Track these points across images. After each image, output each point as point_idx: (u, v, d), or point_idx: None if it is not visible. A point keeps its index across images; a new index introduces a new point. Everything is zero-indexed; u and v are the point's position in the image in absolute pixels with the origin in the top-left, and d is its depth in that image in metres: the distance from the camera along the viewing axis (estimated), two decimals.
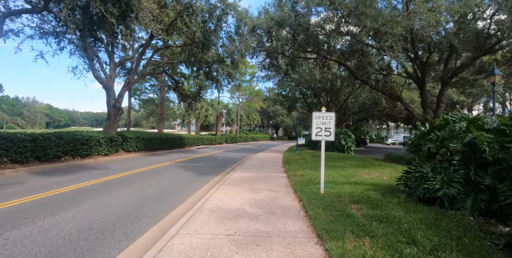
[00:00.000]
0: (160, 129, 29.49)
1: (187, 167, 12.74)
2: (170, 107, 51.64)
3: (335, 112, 5.83)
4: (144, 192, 7.18)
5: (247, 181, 9.01)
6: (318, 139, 6.81)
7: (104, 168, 11.54)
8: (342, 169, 10.67)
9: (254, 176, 10.11)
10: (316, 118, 6.80)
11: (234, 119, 52.10)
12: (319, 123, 6.79)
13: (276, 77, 25.83)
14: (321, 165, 6.87)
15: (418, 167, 5.51)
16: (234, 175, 10.31)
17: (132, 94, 42.30)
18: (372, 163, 12.44)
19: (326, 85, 23.54)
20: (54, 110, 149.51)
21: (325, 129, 6.77)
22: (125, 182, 8.58)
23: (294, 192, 7.34)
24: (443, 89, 13.25)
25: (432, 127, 5.83)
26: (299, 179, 9.13)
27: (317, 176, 9.10)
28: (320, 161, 7.02)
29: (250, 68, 42.59)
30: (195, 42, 17.54)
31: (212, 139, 35.45)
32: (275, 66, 15.31)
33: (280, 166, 13.69)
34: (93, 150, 14.52)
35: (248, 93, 51.77)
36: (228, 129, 69.49)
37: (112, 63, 17.91)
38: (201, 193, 7.36)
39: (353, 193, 6.50)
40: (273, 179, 9.65)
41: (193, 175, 10.53)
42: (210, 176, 10.55)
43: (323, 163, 6.87)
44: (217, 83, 19.43)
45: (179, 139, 25.64)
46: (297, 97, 28.47)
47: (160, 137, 21.71)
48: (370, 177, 8.89)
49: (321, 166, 6.87)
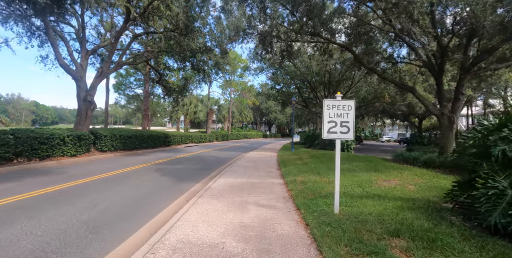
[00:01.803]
0: (145, 126, 27.30)
1: (165, 170, 10.71)
2: (160, 104, 49.20)
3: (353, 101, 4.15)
4: (86, 214, 5.13)
5: (235, 190, 7.05)
6: (332, 137, 4.86)
7: (61, 173, 9.44)
8: (351, 174, 8.78)
9: (244, 183, 8.15)
10: (328, 109, 4.85)
11: (226, 116, 49.98)
12: (332, 116, 4.84)
13: (270, 69, 23.75)
14: (336, 174, 4.93)
15: (489, 180, 3.61)
16: (220, 181, 8.33)
17: (116, 89, 39.94)
18: (383, 165, 10.60)
19: (324, 78, 21.64)
20: (40, 107, 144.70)
21: (342, 123, 4.83)
22: (72, 194, 6.53)
23: (296, 209, 5.42)
24: (463, 79, 11.44)
25: (505, 121, 3.95)
26: (300, 187, 7.20)
27: (323, 184, 7.20)
28: (323, 163, 5.28)
29: (242, 62, 40.52)
30: (179, 28, 15.43)
31: (202, 137, 33.35)
32: (269, 52, 13.32)
33: (275, 168, 11.76)
34: (55, 150, 12.36)
35: (240, 89, 49.63)
36: (220, 126, 67.36)
37: (84, 50, 15.67)
38: (168, 213, 5.36)
39: (383, 214, 4.58)
40: (267, 186, 7.70)
41: (169, 182, 8.52)
42: (190, 182, 8.55)
43: (338, 171, 4.93)
44: (204, 74, 17.32)
45: (164, 137, 23.51)
46: (292, 92, 26.51)
47: (141, 135, 19.56)
48: (390, 185, 7.00)
49: (335, 175, 4.94)
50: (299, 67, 21.85)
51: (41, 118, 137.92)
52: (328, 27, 10.18)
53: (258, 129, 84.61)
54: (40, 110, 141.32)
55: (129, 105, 46.02)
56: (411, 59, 13.60)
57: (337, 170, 4.89)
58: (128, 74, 35.63)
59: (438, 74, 11.57)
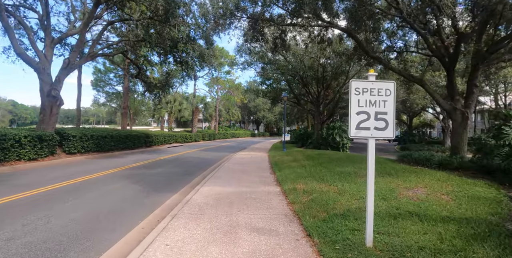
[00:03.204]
0: (124, 125, 25.28)
1: (139, 177, 9.01)
2: (145, 102, 46.79)
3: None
4: (3, 249, 3.45)
5: (221, 205, 5.47)
6: (363, 135, 3.34)
7: (4, 181, 7.62)
8: (363, 179, 7.31)
9: (232, 193, 6.57)
10: (357, 94, 3.33)
11: (212, 115, 48.11)
12: (363, 104, 3.32)
13: (258, 63, 22.07)
14: (368, 186, 3.40)
15: None
16: (203, 191, 6.72)
17: (94, 86, 37.44)
18: (392, 167, 9.20)
19: (317, 73, 20.23)
20: (19, 106, 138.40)
21: (377, 116, 3.32)
22: (2, 214, 4.80)
23: (305, 235, 3.90)
24: (477, 70, 10.17)
25: None
26: (304, 199, 5.69)
27: (333, 195, 5.72)
28: (323, 165, 4.34)
29: (229, 58, 38.76)
30: (158, 14, 13.66)
31: (187, 136, 31.49)
32: (260, 40, 11.71)
33: (268, 172, 10.22)
34: (9, 154, 10.46)
35: (227, 87, 47.76)
36: (206, 125, 65.36)
37: (48, 39, 13.70)
38: (123, 248, 3.72)
39: (442, 249, 3.08)
40: (262, 198, 6.14)
41: (140, 193, 6.85)
42: (166, 192, 6.91)
43: (371, 183, 3.39)
44: (187, 67, 15.56)
45: (145, 137, 21.62)
46: (283, 88, 24.97)
47: (118, 135, 17.64)
48: (419, 195, 5.56)
49: (368, 187, 3.40)
50: (291, 61, 20.34)
51: (19, 118, 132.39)
52: (329, 6, 8.68)
53: (246, 127, 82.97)
54: (18, 110, 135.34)
55: (110, 104, 43.39)
56: (419, 48, 12.29)
57: (371, 181, 3.37)
58: (107, 70, 33.32)
59: (450, 64, 10.26)
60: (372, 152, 3.33)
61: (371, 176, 3.32)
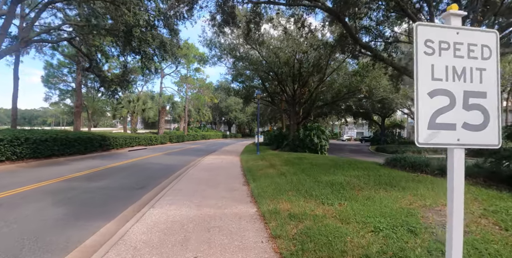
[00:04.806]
0: (77, 126, 22.30)
1: (69, 193, 6.83)
2: (109, 101, 43.00)
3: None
4: None
5: (169, 245, 3.60)
6: (443, 140, 1.63)
7: None
8: (360, 193, 5.71)
9: (190, 219, 4.68)
10: (429, 54, 1.59)
11: (181, 115, 45.33)
12: (442, 74, 1.61)
13: (229, 58, 20.10)
14: (452, 237, 1.64)
15: None
16: (150, 217, 4.77)
17: (45, 83, 33.50)
18: (387, 174, 7.74)
19: (293, 69, 18.66)
20: None
21: (468, 100, 1.58)
22: None
23: None
24: None
25: None
26: (292, 231, 3.96)
27: (332, 223, 4.05)
28: (306, 173, 4.62)
29: (198, 55, 36.44)
30: None
31: (152, 138, 28.81)
32: (231, 23, 9.83)
33: (240, 182, 8.39)
34: None
35: (198, 86, 45.21)
36: (176, 126, 62.17)
37: None
38: None
39: None
40: (232, 229, 4.31)
41: (53, 224, 4.77)
42: (95, 222, 4.87)
43: (459, 231, 1.63)
44: (146, 58, 13.31)
45: (100, 139, 18.93)
46: (257, 86, 23.20)
47: (65, 138, 14.94)
48: None
49: (451, 238, 1.63)
50: (265, 56, 18.64)
51: None
52: None
53: (218, 129, 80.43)
54: None
55: (66, 102, 39.26)
56: (411, 37, 11.06)
57: (458, 226, 1.63)
58: (61, 64, 29.74)
59: None
60: (461, 171, 1.60)
61: (459, 218, 1.60)
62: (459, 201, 1.58)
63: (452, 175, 1.57)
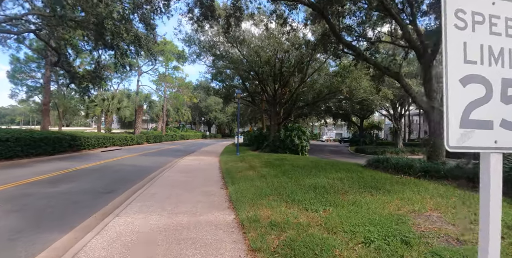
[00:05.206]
0: (45, 125, 20.91)
1: (25, 200, 6.11)
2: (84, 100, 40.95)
3: None
4: None
5: None
6: (477, 143, 1.24)
7: None
8: (344, 197, 5.39)
9: (160, 229, 4.17)
10: (461, 28, 1.19)
11: (160, 115, 44.03)
12: (477, 56, 1.21)
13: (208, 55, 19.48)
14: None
15: None
16: (113, 227, 4.22)
17: (12, 78, 31.40)
18: (371, 177, 7.52)
19: (274, 68, 18.34)
20: None
21: (507, 91, 1.20)
22: None
23: None
24: None
25: None
26: (275, 243, 3.56)
27: (316, 231, 3.65)
28: (287, 175, 4.40)
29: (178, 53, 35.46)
30: None
31: (128, 138, 27.60)
32: (209, 17, 9.33)
33: (218, 185, 7.91)
34: None
35: (177, 85, 44.04)
36: (153, 125, 60.45)
37: None
38: None
39: None
40: (206, 241, 3.85)
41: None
42: (49, 234, 4.27)
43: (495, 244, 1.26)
44: (119, 52, 12.51)
45: (70, 139, 17.75)
46: (237, 85, 22.70)
47: (29, 137, 13.82)
48: (443, 229, 3.71)
49: None
50: (245, 55, 18.21)
51: None
52: None
53: (197, 129, 79.05)
54: None
55: (34, 100, 37.02)
56: (395, 37, 10.94)
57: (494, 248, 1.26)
58: (28, 59, 27.92)
59: (430, 56, 8.97)
60: (499, 181, 1.24)
61: (495, 238, 1.23)
62: (495, 219, 1.21)
63: (488, 188, 1.20)
